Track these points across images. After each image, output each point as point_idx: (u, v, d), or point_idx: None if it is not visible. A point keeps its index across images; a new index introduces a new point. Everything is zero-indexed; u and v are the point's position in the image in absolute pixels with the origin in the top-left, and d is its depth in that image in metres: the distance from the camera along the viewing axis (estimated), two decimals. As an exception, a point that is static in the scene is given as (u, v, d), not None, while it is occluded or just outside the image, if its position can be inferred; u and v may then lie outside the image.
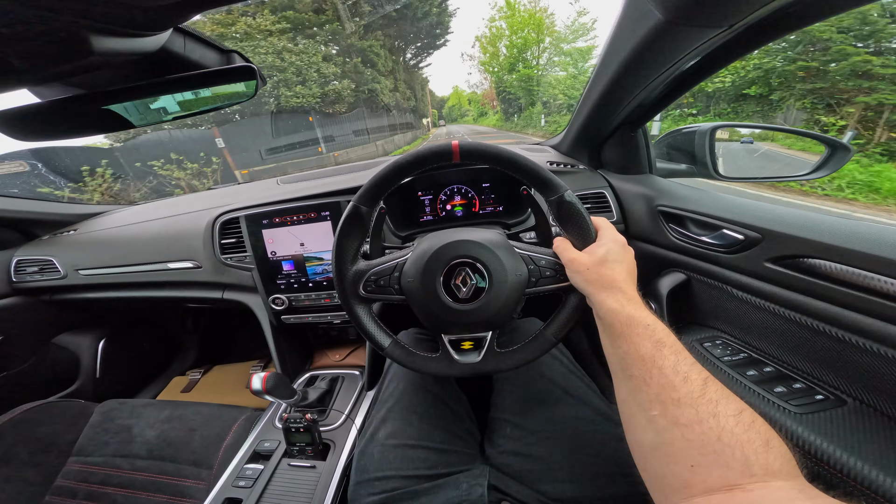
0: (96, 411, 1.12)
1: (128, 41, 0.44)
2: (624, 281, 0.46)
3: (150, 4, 0.38)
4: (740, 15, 0.49)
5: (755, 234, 0.64)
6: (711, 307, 0.79)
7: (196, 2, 0.39)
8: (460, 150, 0.52)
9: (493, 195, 1.06)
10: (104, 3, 0.35)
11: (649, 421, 0.37)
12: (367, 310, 0.58)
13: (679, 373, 0.37)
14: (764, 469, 0.30)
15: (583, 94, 0.87)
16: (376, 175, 0.53)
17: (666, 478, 0.35)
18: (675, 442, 0.34)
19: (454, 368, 0.56)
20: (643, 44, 0.59)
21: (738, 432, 0.32)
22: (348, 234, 0.55)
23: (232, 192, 1.28)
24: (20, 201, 1.29)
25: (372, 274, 0.55)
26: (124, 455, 0.97)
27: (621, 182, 0.97)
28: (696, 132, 0.89)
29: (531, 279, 0.54)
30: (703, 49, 0.58)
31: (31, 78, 0.51)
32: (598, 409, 0.63)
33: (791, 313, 0.61)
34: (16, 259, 1.26)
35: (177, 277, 1.11)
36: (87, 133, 0.69)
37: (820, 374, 0.61)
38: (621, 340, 0.42)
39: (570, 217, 0.51)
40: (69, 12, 0.35)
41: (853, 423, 0.53)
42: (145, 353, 1.62)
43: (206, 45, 0.56)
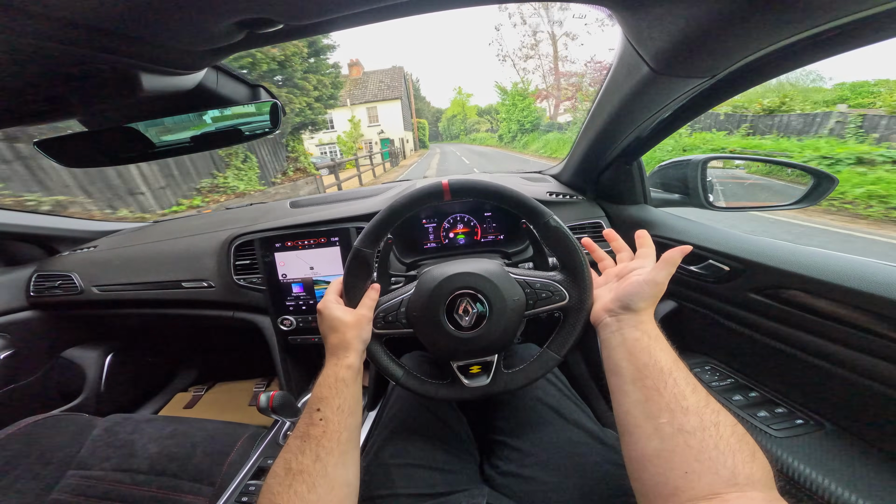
0: (100, 425, 1.13)
1: (171, 79, 0.51)
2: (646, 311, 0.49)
3: (192, 49, 0.44)
4: (720, 68, 0.54)
5: (739, 265, 0.69)
6: (701, 334, 0.82)
7: (232, 46, 0.46)
8: (450, 188, 0.57)
9: (494, 224, 1.12)
10: (155, 46, 0.41)
11: (656, 429, 0.39)
12: (379, 344, 0.60)
13: (690, 384, 0.40)
14: (747, 479, 0.32)
15: (580, 130, 0.93)
16: (375, 219, 0.58)
17: (658, 486, 0.36)
18: (676, 448, 0.36)
19: (465, 392, 0.59)
20: (634, 91, 0.64)
21: (732, 442, 0.35)
22: (355, 275, 0.58)
23: (245, 213, 1.34)
24: (43, 217, 1.35)
25: (380, 311, 0.59)
26: (125, 469, 0.98)
27: (617, 211, 1.02)
28: (689, 163, 0.94)
29: (529, 302, 0.57)
30: (689, 94, 0.63)
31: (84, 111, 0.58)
32: (592, 432, 0.65)
33: (772, 341, 0.65)
34: (36, 274, 1.31)
35: (189, 296, 1.16)
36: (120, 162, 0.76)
37: (802, 400, 0.64)
38: (642, 355, 0.44)
39: (559, 242, 0.56)
40: (125, 54, 0.41)
41: (829, 446, 0.56)
42: (149, 369, 1.64)
43: (236, 80, 0.62)
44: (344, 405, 0.48)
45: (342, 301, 0.57)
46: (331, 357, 0.53)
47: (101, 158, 0.74)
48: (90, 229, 1.44)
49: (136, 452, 1.02)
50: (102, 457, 1.03)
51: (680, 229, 0.86)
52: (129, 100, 0.51)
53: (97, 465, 1.01)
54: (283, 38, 0.46)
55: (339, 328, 0.53)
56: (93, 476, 0.99)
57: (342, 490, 0.44)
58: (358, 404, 0.51)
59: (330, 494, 0.42)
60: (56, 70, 0.42)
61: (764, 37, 0.45)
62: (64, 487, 0.97)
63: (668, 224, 0.89)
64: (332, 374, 0.50)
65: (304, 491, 0.41)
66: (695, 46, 0.49)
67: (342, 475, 0.45)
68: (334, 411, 0.47)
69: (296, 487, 0.41)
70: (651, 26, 0.49)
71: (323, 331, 0.55)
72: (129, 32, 0.37)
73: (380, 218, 0.58)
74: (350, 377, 0.51)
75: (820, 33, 0.42)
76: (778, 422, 0.62)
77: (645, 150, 0.90)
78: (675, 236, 0.84)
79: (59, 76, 0.44)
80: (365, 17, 0.45)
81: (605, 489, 0.55)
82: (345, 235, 1.01)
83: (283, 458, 0.45)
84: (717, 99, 0.64)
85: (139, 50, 0.41)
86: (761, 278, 0.64)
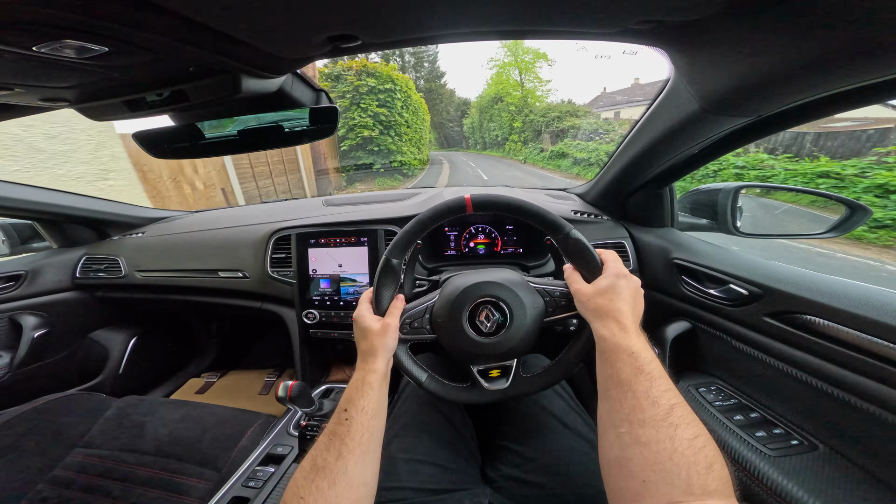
0: (114, 406, 1.14)
1: (262, 82, 0.60)
2: (619, 311, 0.50)
3: (285, 56, 0.53)
4: (768, 110, 0.57)
5: (757, 289, 0.70)
6: (712, 355, 0.83)
7: (316, 55, 0.54)
8: (473, 202, 0.59)
9: (514, 237, 1.15)
10: (259, 52, 0.49)
11: (617, 437, 0.42)
12: (405, 349, 0.63)
13: (649, 397, 0.41)
14: (702, 489, 0.34)
15: (614, 152, 0.97)
16: (403, 231, 0.62)
17: (621, 490, 0.39)
18: (633, 458, 0.39)
19: (485, 395, 0.61)
20: (678, 124, 0.68)
21: (687, 455, 0.36)
22: (384, 283, 0.61)
23: (282, 207, 1.41)
24: (99, 201, 1.45)
25: (407, 318, 0.61)
26: (131, 450, 0.98)
27: (642, 234, 1.03)
28: (721, 190, 0.95)
29: (548, 309, 0.60)
30: (729, 131, 0.66)
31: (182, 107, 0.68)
32: (593, 442, 0.65)
33: (780, 364, 0.67)
34: (85, 256, 1.41)
35: (224, 285, 1.21)
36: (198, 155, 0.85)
37: (800, 422, 0.66)
38: (607, 365, 0.47)
39: (577, 252, 0.57)
40: (235, 57, 0.49)
41: (822, 467, 0.58)
42: (167, 353, 1.67)
43: (305, 85, 0.70)
44: (368, 407, 0.50)
45: (373, 308, 0.61)
46: (360, 362, 0.56)
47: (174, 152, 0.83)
48: (140, 216, 1.54)
49: (145, 434, 1.02)
50: (111, 436, 1.04)
51: (704, 253, 0.87)
52: (229, 97, 0.59)
53: (104, 444, 1.02)
54: (358, 51, 0.53)
55: (368, 336, 0.57)
56: (97, 454, 0.99)
57: (360, 489, 0.46)
58: (382, 408, 0.53)
59: (348, 492, 0.44)
60: (179, 68, 0.51)
61: (821, 84, 0.47)
62: (67, 464, 0.98)
63: (693, 248, 0.91)
64: (360, 378, 0.53)
65: (325, 487, 0.43)
66: (749, 90, 0.51)
67: (361, 474, 0.46)
68: (359, 412, 0.50)
69: (318, 482, 0.43)
70: (706, 69, 0.52)
71: (356, 338, 0.59)
72: (243, 39, 0.45)
73: (407, 230, 0.61)
74: (375, 381, 0.53)
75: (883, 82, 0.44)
76: (773, 441, 0.64)
77: (678, 178, 0.93)
78: (699, 260, 0.86)
79: (177, 75, 0.53)
80: (429, 40, 0.52)
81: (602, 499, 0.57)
82: (373, 237, 1.06)
83: (312, 453, 0.47)
84: (755, 136, 0.67)
85: (246, 54, 0.49)
86: (778, 303, 0.66)
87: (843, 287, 0.60)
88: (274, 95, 0.66)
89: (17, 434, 1.01)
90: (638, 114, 0.82)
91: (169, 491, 0.85)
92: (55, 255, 1.42)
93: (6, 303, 1.27)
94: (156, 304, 1.42)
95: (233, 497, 0.75)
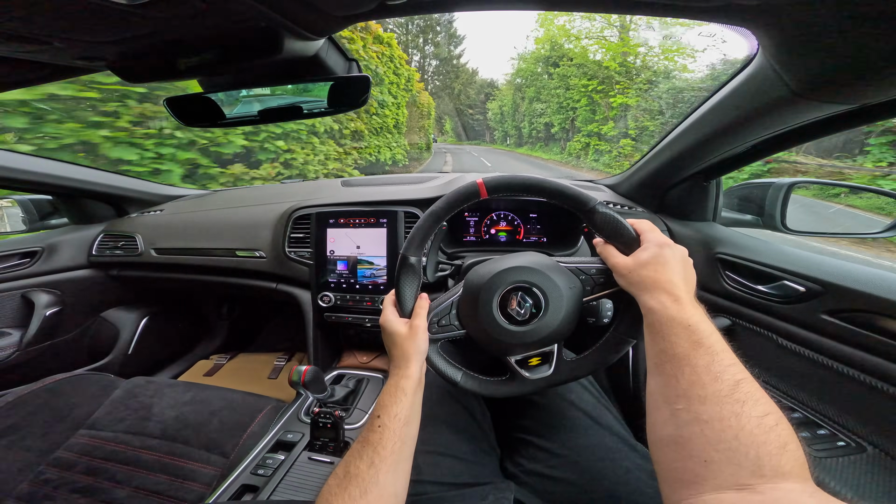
0: (121, 387, 1.12)
1: (302, 44, 0.55)
2: (669, 282, 0.46)
3: (331, 13, 0.48)
4: (878, 96, 0.50)
5: (817, 286, 0.66)
6: (751, 354, 0.80)
7: (362, 14, 0.49)
8: (486, 187, 0.56)
9: (538, 226, 1.10)
10: (304, 6, 0.45)
11: (672, 414, 0.38)
12: (436, 349, 0.60)
13: (711, 372, 0.38)
14: (774, 471, 0.31)
15: (660, 142, 0.92)
16: (417, 227, 0.59)
17: (678, 471, 0.36)
18: (693, 437, 0.36)
19: (527, 386, 0.58)
20: (761, 108, 0.61)
21: (756, 433, 0.33)
22: (405, 283, 0.59)
23: (300, 188, 1.38)
24: (118, 177, 1.43)
25: (433, 316, 0.59)
26: (136, 433, 0.95)
27: (681, 227, 0.98)
28: (772, 185, 0.91)
29: (585, 288, 0.57)
30: (820, 118, 0.60)
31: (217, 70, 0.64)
32: (626, 440, 0.63)
33: (833, 363, 0.64)
34: (103, 233, 1.39)
35: (240, 265, 1.18)
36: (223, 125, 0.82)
37: (847, 423, 0.63)
38: (659, 338, 0.43)
39: (607, 225, 0.53)
40: (279, 10, 0.45)
41: (870, 470, 0.56)
42: (177, 334, 1.66)
43: (339, 53, 0.66)
44: (401, 414, 0.49)
45: (398, 311, 0.59)
46: (394, 368, 0.55)
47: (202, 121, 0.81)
48: (160, 192, 1.52)
49: (152, 416, 0.99)
50: (117, 418, 1.01)
51: (753, 248, 0.83)
52: (269, 59, 0.55)
53: (110, 426, 0.99)
54: (410, 11, 0.49)
55: (398, 341, 0.55)
56: (102, 437, 0.96)
57: (390, 500, 0.45)
58: (415, 414, 0.52)
59: (379, 502, 0.43)
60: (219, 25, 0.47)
61: None
62: (70, 446, 0.95)
63: (740, 243, 0.86)
64: (393, 384, 0.52)
65: (357, 495, 0.43)
66: (857, 75, 0.46)
67: (392, 484, 0.45)
68: (391, 419, 0.49)
69: (350, 490, 0.43)
70: (805, 51, 0.47)
71: (387, 345, 0.58)
72: None
73: (421, 225, 0.59)
74: (409, 387, 0.52)
75: None
76: (819, 443, 0.62)
77: (732, 170, 0.88)
78: (748, 255, 0.81)
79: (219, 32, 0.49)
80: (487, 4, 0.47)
81: (637, 497, 0.54)
82: (392, 218, 1.03)
83: (346, 460, 0.47)
84: (848, 125, 0.62)
85: (292, 8, 0.45)
86: (841, 300, 0.63)
87: None
88: (309, 61, 0.62)
89: (22, 414, 0.99)
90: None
91: (174, 476, 0.82)
92: (72, 231, 1.41)
93: (20, 279, 1.26)
94: (169, 283, 1.39)
95: (242, 485, 0.72)
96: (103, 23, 0.44)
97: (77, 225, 1.44)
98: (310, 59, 0.61)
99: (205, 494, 0.75)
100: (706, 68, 13.18)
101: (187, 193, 1.58)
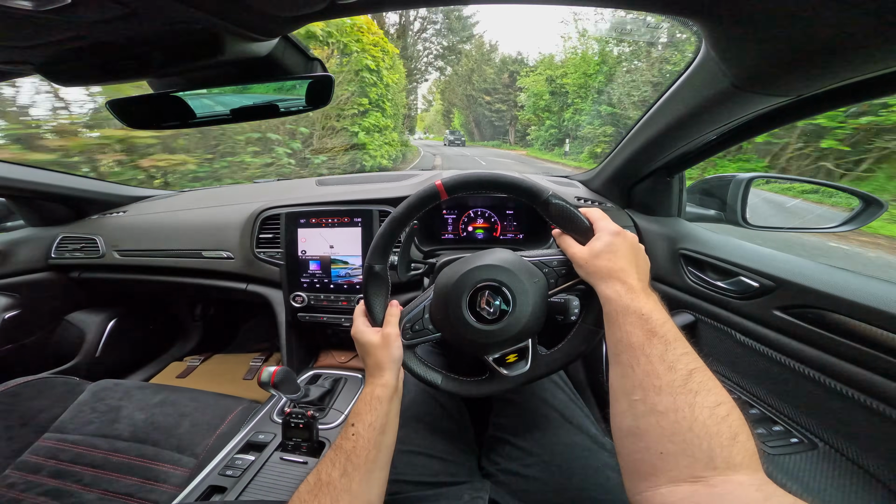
0: (88, 389, 1.09)
1: (249, 45, 0.53)
2: (621, 270, 0.47)
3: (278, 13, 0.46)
4: (811, 88, 0.52)
5: (770, 282, 0.67)
6: (713, 349, 0.81)
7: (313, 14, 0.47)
8: (445, 187, 0.55)
9: (515, 223, 1.11)
10: (246, 8, 0.43)
11: (630, 405, 0.38)
12: (413, 355, 0.60)
13: (665, 361, 0.38)
14: (726, 463, 0.31)
15: (625, 137, 0.93)
16: (378, 234, 0.58)
17: (637, 463, 0.36)
18: (649, 428, 0.36)
19: (507, 383, 0.57)
20: (705, 102, 0.63)
21: (709, 424, 0.33)
22: (373, 293, 0.58)
23: (272, 187, 1.35)
24: (76, 179, 1.37)
25: (406, 322, 0.58)
26: (104, 435, 0.93)
27: (647, 223, 1.00)
28: (733, 181, 0.92)
29: (549, 281, 0.57)
30: (762, 111, 0.62)
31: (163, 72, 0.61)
32: (595, 438, 0.64)
33: (787, 359, 0.65)
34: (60, 236, 1.33)
35: (208, 266, 1.16)
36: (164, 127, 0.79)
37: (800, 419, 0.65)
38: (615, 328, 0.43)
39: (562, 215, 0.54)
40: (218, 14, 0.43)
41: (821, 466, 0.57)
42: (147, 336, 1.61)
43: (299, 52, 0.64)
44: (376, 422, 0.48)
45: (368, 321, 0.58)
46: (369, 377, 0.54)
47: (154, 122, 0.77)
48: (122, 194, 1.47)
49: (120, 419, 0.97)
50: (85, 421, 0.99)
51: (713, 244, 0.84)
52: (210, 61, 0.52)
53: (77, 429, 0.97)
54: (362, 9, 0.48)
55: (371, 351, 0.54)
56: (69, 440, 0.94)
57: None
58: (392, 423, 0.51)
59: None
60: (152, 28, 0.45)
61: (876, 60, 0.42)
62: (36, 450, 0.93)
63: (702, 238, 0.88)
64: (369, 392, 0.51)
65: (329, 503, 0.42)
66: (791, 66, 0.47)
67: (365, 493, 0.45)
68: (366, 427, 0.48)
69: (321, 499, 0.42)
70: (743, 43, 0.48)
71: (361, 355, 0.57)
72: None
73: (383, 232, 0.58)
74: (385, 395, 0.51)
75: None
76: (773, 439, 0.63)
77: (691, 165, 0.90)
78: (709, 251, 0.83)
79: (153, 34, 0.47)
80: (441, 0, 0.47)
81: (604, 495, 0.55)
82: (367, 217, 1.02)
83: (318, 468, 0.46)
84: (791, 118, 0.63)
85: (232, 11, 0.43)
86: (791, 296, 0.64)
87: (860, 282, 0.58)
88: (262, 62, 0.60)
89: (-14, 419, 0.96)
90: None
91: (144, 478, 0.81)
92: (29, 233, 1.35)
93: (-27, 282, 1.20)
94: (136, 285, 1.35)
95: (209, 486, 0.71)
96: (21, 28, 0.42)
97: (34, 227, 1.38)
98: (263, 59, 0.59)
99: (176, 496, 0.75)
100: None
101: (155, 194, 1.53)
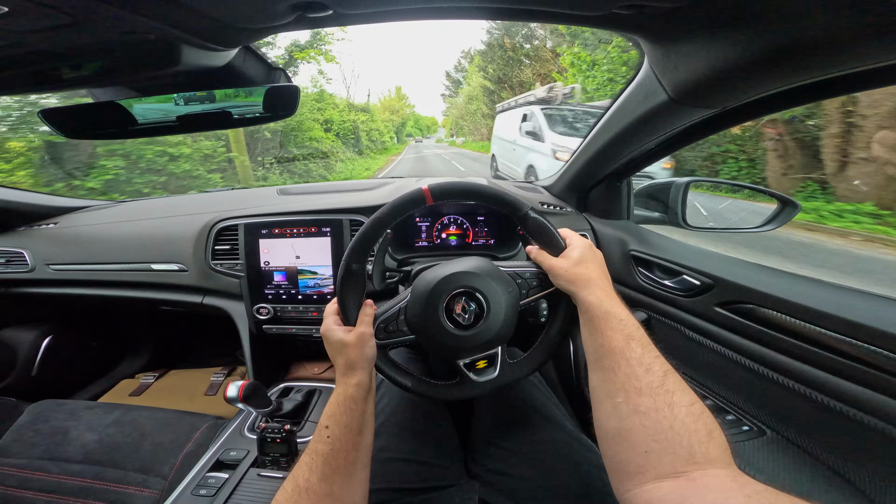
0: (27, 411, 1.01)
1: (207, 55, 0.51)
2: (599, 277, 0.51)
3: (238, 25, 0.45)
4: (733, 101, 0.59)
5: (709, 280, 0.72)
6: (667, 345, 0.86)
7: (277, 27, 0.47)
8: (431, 193, 0.57)
9: (486, 228, 1.15)
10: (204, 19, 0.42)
11: (614, 408, 0.40)
12: (385, 356, 0.60)
13: (643, 364, 0.41)
14: (705, 457, 0.34)
15: (580, 146, 0.97)
16: (359, 234, 0.58)
17: (623, 463, 0.38)
18: (633, 429, 0.38)
19: (476, 388, 0.59)
20: (646, 115, 0.68)
21: (687, 422, 0.36)
22: (348, 292, 0.58)
23: (228, 197, 1.28)
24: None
25: (381, 322, 0.58)
26: (53, 458, 0.88)
27: (602, 226, 1.07)
28: (673, 185, 0.98)
29: (522, 291, 0.60)
30: (693, 122, 0.68)
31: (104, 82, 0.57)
32: (572, 433, 0.67)
33: (730, 352, 0.70)
34: None
35: (158, 279, 1.09)
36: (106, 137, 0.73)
37: (749, 409, 0.69)
38: (597, 333, 0.46)
39: (538, 230, 0.57)
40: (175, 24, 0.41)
41: (770, 451, 0.61)
42: (92, 353, 1.50)
43: (260, 62, 0.61)
44: (352, 423, 0.47)
45: (341, 321, 0.57)
46: (340, 378, 0.53)
47: (94, 132, 0.71)
48: (51, 205, 1.32)
49: (69, 440, 0.92)
50: (28, 443, 0.93)
51: (659, 245, 0.91)
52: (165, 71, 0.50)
53: (20, 452, 0.91)
54: (329, 23, 0.47)
55: (343, 350, 0.53)
56: (12, 464, 0.88)
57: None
58: (369, 423, 0.50)
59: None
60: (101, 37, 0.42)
61: (783, 77, 0.48)
62: None
63: (649, 240, 0.95)
64: (342, 393, 0.50)
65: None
66: (717, 81, 0.52)
67: (349, 496, 0.44)
68: (343, 429, 0.47)
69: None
70: (679, 60, 0.53)
71: (331, 355, 0.55)
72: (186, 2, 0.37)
73: (364, 232, 0.58)
74: (360, 395, 0.50)
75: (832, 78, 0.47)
76: (726, 428, 0.64)
77: (637, 170, 0.96)
78: (656, 252, 0.89)
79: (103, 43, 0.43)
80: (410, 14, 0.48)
81: (586, 488, 0.57)
82: (337, 227, 1.00)
83: (293, 474, 0.45)
84: (716, 128, 0.71)
85: (190, 21, 0.41)
86: (727, 293, 0.69)
87: (789, 278, 0.63)
88: (220, 71, 0.56)
89: None
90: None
91: (107, 502, 0.78)
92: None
93: None
94: (76, 300, 1.25)
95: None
96: None
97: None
98: (221, 69, 0.56)
99: (147, 518, 0.73)
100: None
101: (89, 205, 1.39)
